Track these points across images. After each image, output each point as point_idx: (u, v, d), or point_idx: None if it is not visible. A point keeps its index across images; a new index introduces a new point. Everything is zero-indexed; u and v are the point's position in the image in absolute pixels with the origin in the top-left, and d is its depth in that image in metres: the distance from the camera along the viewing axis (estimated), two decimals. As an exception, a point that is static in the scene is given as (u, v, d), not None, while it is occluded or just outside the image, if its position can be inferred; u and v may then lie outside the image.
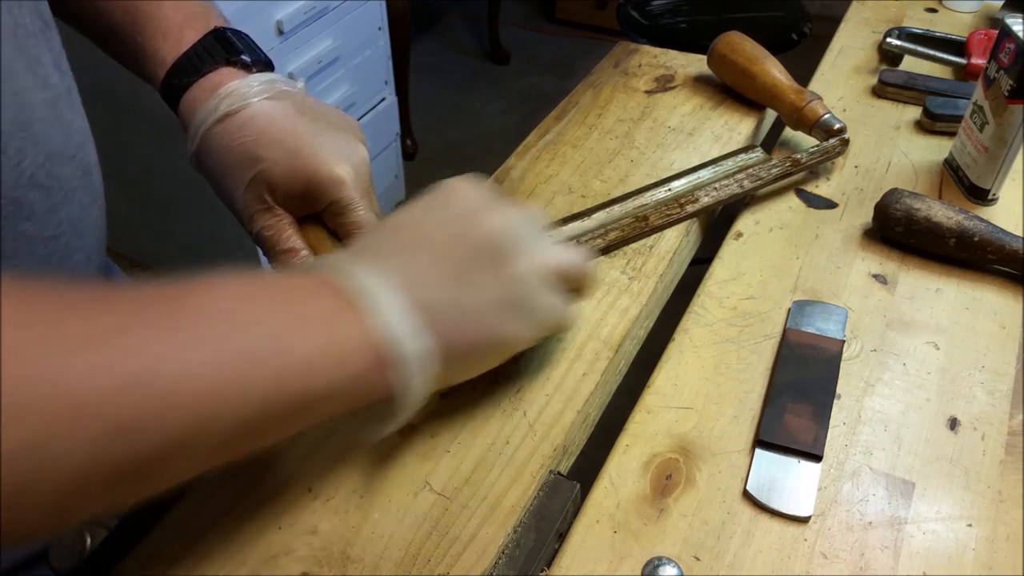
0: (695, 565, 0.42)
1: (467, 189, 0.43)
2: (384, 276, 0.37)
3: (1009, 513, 0.44)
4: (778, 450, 0.47)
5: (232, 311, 0.33)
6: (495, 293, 0.39)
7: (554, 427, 0.46)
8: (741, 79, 0.73)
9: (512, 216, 0.42)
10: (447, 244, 0.40)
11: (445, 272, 0.38)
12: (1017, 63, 0.58)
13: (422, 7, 3.03)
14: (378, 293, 0.36)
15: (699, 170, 0.64)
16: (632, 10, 1.77)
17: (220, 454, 0.32)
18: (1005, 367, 0.52)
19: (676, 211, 0.60)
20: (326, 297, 0.35)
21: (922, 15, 0.96)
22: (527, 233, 0.42)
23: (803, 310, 0.55)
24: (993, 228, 0.58)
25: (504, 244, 0.40)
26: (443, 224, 0.41)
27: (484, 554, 0.40)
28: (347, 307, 0.35)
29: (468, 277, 0.39)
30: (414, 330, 0.36)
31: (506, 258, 0.40)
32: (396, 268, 0.38)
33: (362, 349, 0.35)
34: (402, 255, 0.39)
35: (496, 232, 0.40)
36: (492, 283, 0.39)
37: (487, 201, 0.42)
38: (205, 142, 0.49)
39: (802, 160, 0.65)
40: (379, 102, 1.96)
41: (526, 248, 0.41)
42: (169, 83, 0.50)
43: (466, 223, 0.41)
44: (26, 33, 0.41)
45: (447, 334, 0.37)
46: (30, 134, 0.40)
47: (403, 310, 0.36)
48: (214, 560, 0.40)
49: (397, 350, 0.35)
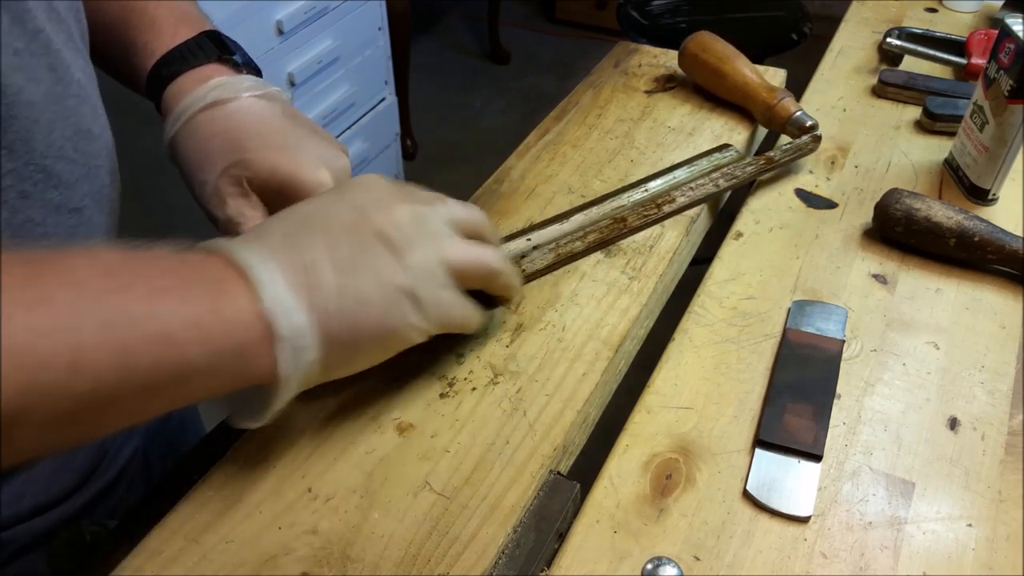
0: (695, 565, 0.42)
1: (378, 183, 0.43)
2: (269, 254, 0.37)
3: (1009, 513, 0.44)
4: (778, 450, 0.47)
5: (113, 272, 0.33)
6: (385, 282, 0.39)
7: (554, 427, 0.46)
8: (713, 78, 0.74)
9: (418, 210, 0.42)
10: (344, 231, 0.40)
11: (336, 258, 0.38)
12: (1017, 63, 0.58)
13: (422, 7, 3.03)
14: (261, 269, 0.36)
15: (674, 170, 0.64)
16: (632, 10, 1.77)
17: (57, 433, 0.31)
18: (1005, 367, 0.52)
19: (653, 211, 0.60)
20: (214, 267, 0.36)
21: (922, 15, 0.96)
22: (430, 228, 0.42)
23: (803, 310, 0.55)
24: (993, 228, 0.58)
25: (401, 236, 0.40)
26: (345, 213, 0.41)
27: (484, 554, 0.40)
28: (234, 278, 0.35)
29: (360, 264, 0.39)
30: (292, 308, 0.36)
31: (402, 249, 0.40)
32: (285, 248, 0.38)
33: (247, 320, 0.35)
34: (295, 237, 0.39)
35: (395, 223, 0.41)
36: (384, 272, 0.39)
37: (396, 194, 0.43)
38: (187, 127, 0.49)
39: (775, 158, 0.65)
40: (379, 102, 1.96)
41: (424, 242, 0.41)
42: (157, 72, 0.50)
43: (367, 213, 0.41)
44: (58, 18, 0.43)
45: (330, 318, 0.37)
46: (62, 108, 0.42)
47: (284, 286, 0.36)
48: (214, 560, 0.40)
49: (277, 326, 0.35)
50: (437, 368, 0.50)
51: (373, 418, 0.47)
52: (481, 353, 0.51)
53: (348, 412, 0.48)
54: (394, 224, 0.41)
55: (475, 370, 0.50)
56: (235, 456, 0.45)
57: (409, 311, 0.40)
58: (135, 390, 0.32)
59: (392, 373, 0.50)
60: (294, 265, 0.37)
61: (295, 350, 0.36)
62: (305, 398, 0.48)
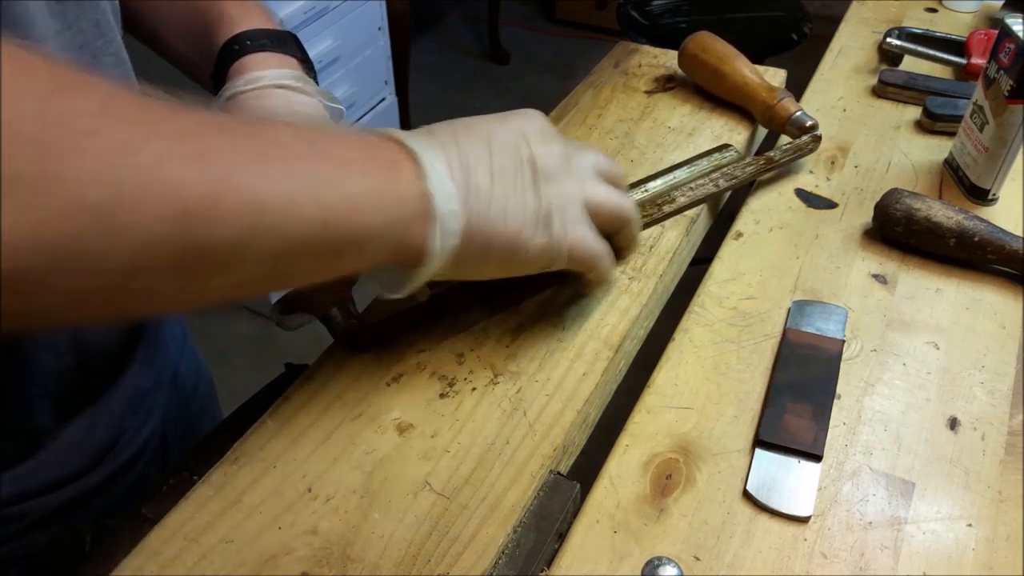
0: (695, 565, 0.42)
1: (540, 118, 0.46)
2: (438, 147, 0.41)
3: (1009, 513, 0.44)
4: (778, 450, 0.47)
5: (312, 141, 0.37)
6: (528, 200, 0.43)
7: (554, 427, 0.46)
8: (713, 79, 0.74)
9: (570, 151, 0.46)
10: (503, 147, 0.43)
11: (492, 167, 0.42)
12: (1017, 63, 0.58)
13: (422, 7, 3.03)
14: (429, 156, 0.40)
15: (675, 170, 0.64)
16: (632, 10, 1.77)
17: (268, 269, 0.35)
18: (1005, 367, 0.52)
19: (654, 211, 0.60)
20: (390, 149, 0.40)
21: (922, 15, 0.96)
22: (577, 168, 0.46)
23: (803, 310, 0.55)
24: (993, 228, 0.58)
25: (551, 167, 0.44)
26: (507, 133, 0.43)
27: (484, 554, 0.40)
28: (406, 160, 0.39)
29: (510, 179, 0.42)
30: (449, 195, 0.40)
31: (549, 178, 0.44)
32: (450, 146, 0.41)
33: (415, 197, 0.39)
34: (460, 140, 0.42)
35: (549, 154, 0.44)
36: (529, 192, 0.43)
37: (553, 132, 0.46)
38: (259, 93, 0.52)
39: (775, 158, 0.65)
40: (379, 102, 1.96)
41: (569, 178, 0.45)
42: (240, 39, 0.54)
43: (528, 138, 0.44)
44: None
45: (476, 216, 0.41)
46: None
47: (446, 175, 0.40)
48: (214, 560, 0.40)
49: (435, 207, 0.39)
50: (437, 368, 0.50)
51: (373, 418, 0.47)
52: (481, 353, 0.51)
53: (348, 412, 0.48)
54: (548, 154, 0.44)
55: (475, 370, 0.50)
56: (235, 456, 0.45)
57: (541, 232, 0.43)
58: (329, 245, 0.36)
59: (392, 373, 0.50)
60: (457, 161, 0.41)
61: (444, 233, 0.39)
62: (306, 395, 0.48)
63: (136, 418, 0.58)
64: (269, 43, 0.54)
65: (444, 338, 0.52)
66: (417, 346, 0.52)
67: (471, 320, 0.53)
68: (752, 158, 0.65)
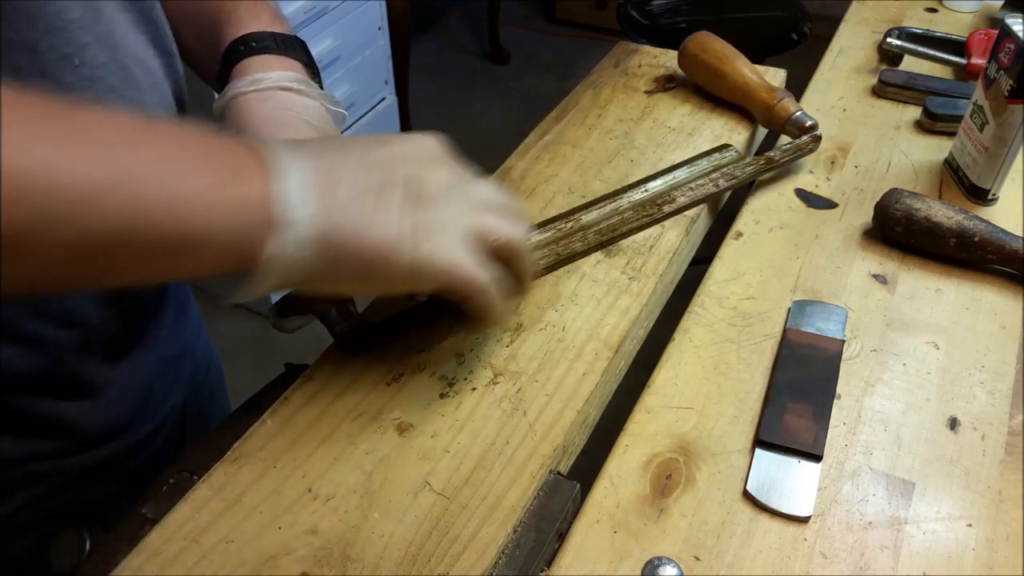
0: (695, 565, 0.42)
1: (431, 144, 0.44)
2: (296, 155, 0.38)
3: (1009, 513, 0.44)
4: (778, 450, 0.47)
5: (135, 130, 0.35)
6: (394, 218, 0.40)
7: (554, 427, 0.46)
8: (713, 79, 0.74)
9: (458, 179, 0.43)
10: (375, 166, 0.40)
11: (359, 182, 0.39)
12: (1017, 63, 0.58)
13: (422, 7, 3.02)
14: (288, 164, 0.38)
15: (675, 170, 0.64)
16: (632, 10, 1.77)
17: (74, 260, 0.33)
18: (1005, 367, 0.52)
19: (654, 211, 0.60)
20: (240, 151, 0.37)
21: (922, 15, 0.96)
22: (464, 195, 0.43)
23: (803, 310, 0.55)
24: (993, 228, 0.58)
25: (432, 191, 0.41)
26: (382, 152, 0.41)
27: (484, 554, 0.40)
28: (256, 164, 0.37)
29: (378, 196, 0.40)
30: (299, 203, 0.37)
31: (427, 200, 0.41)
32: (313, 156, 0.39)
33: (257, 203, 0.36)
34: (328, 152, 0.40)
35: (429, 180, 0.41)
36: (398, 211, 0.40)
37: (443, 160, 0.43)
38: (261, 94, 0.51)
39: (775, 158, 0.65)
40: (379, 102, 1.96)
41: (455, 203, 0.42)
42: (246, 40, 0.53)
43: (405, 161, 0.41)
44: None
45: (331, 227, 0.38)
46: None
47: (299, 183, 0.37)
48: (214, 560, 0.40)
49: (284, 214, 0.37)
50: (437, 368, 0.50)
51: (373, 418, 0.47)
52: (481, 353, 0.51)
53: (348, 412, 0.48)
54: (430, 178, 0.42)
55: (475, 370, 0.50)
56: (235, 456, 0.45)
57: (408, 251, 0.40)
58: (138, 245, 0.34)
59: (392, 373, 0.50)
60: (316, 171, 0.38)
61: (290, 242, 0.37)
62: (306, 395, 0.48)
63: (163, 384, 0.61)
64: (274, 45, 0.54)
65: (444, 338, 0.52)
66: (417, 346, 0.52)
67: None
68: (752, 158, 0.65)
